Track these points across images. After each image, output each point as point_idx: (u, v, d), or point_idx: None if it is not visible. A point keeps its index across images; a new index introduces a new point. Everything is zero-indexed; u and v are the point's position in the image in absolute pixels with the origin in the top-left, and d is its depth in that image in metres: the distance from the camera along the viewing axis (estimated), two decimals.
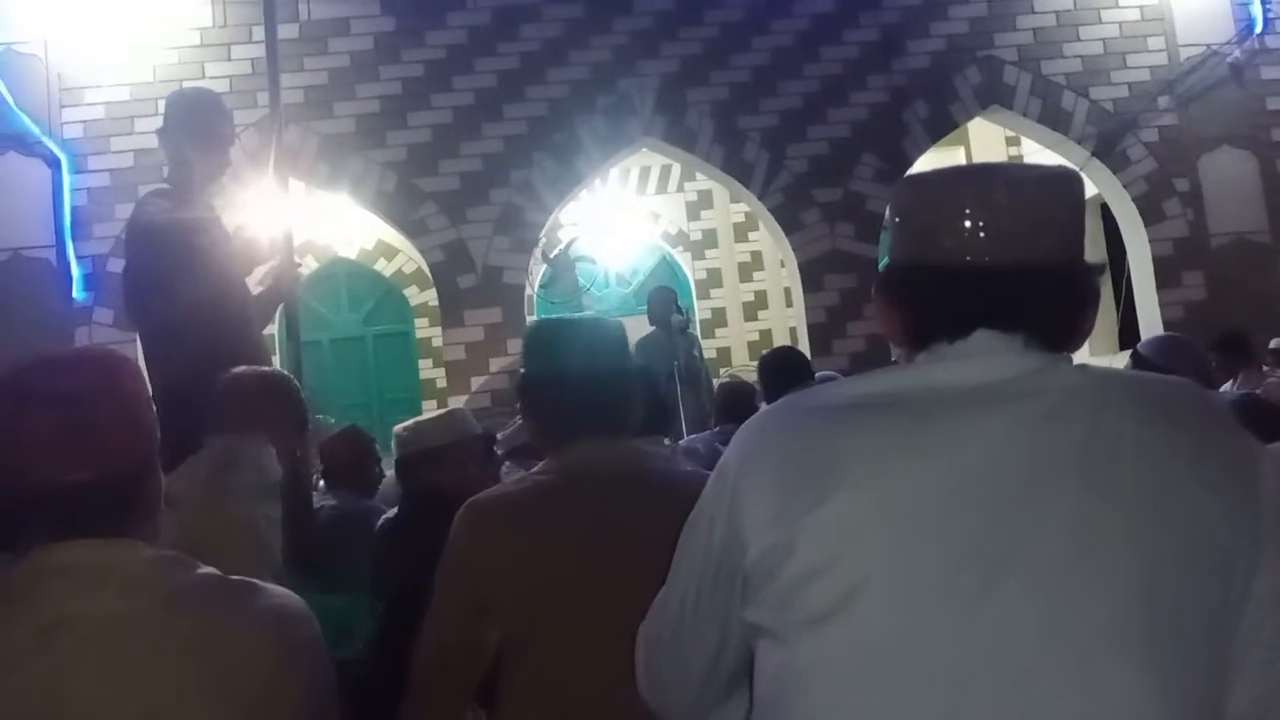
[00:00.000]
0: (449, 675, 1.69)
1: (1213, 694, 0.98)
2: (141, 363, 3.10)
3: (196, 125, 3.20)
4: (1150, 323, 7.08)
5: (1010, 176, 1.07)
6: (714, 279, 9.87)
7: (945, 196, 1.07)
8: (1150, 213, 7.13)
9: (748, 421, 1.12)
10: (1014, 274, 1.04)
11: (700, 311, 9.57)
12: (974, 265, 1.04)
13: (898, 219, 1.12)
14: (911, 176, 1.13)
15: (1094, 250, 6.78)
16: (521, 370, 1.83)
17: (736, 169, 6.92)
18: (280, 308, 3.39)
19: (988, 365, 1.04)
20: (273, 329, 4.08)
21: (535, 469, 1.74)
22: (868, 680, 0.96)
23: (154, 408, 1.26)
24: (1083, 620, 0.95)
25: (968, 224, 1.04)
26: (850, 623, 0.97)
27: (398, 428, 2.98)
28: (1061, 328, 1.07)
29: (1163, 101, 7.16)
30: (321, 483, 3.72)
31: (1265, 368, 5.74)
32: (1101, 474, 0.99)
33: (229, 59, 6.46)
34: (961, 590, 0.96)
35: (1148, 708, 0.93)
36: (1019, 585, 0.96)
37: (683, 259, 9.94)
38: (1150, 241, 7.11)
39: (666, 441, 2.98)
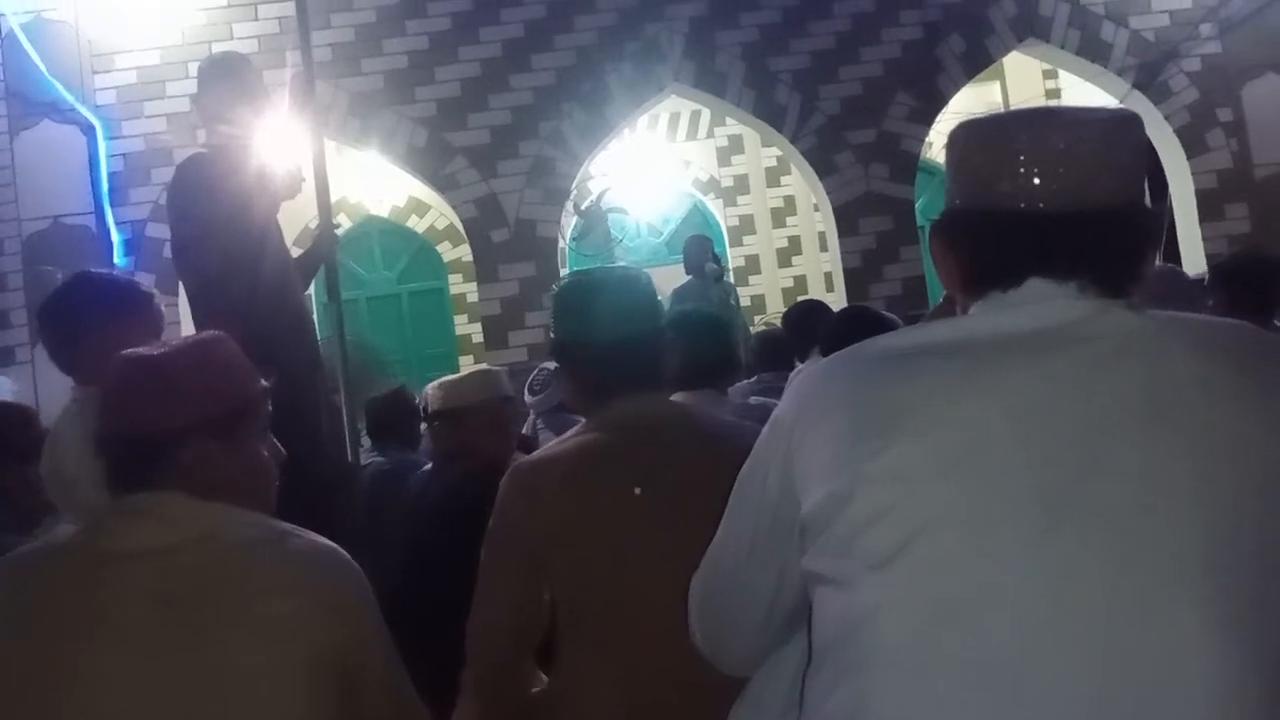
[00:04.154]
0: (509, 639, 1.68)
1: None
2: (189, 320, 3.32)
3: (230, 87, 3.21)
4: (1193, 257, 6.95)
5: (1068, 121, 1.05)
6: (746, 225, 9.78)
7: (1001, 141, 1.05)
8: (1193, 144, 6.97)
9: (805, 373, 1.13)
10: (1068, 222, 1.03)
11: (733, 259, 9.49)
12: (1027, 212, 1.03)
13: (954, 163, 1.11)
14: (968, 121, 1.11)
15: None
16: (552, 334, 1.82)
17: (768, 112, 6.83)
18: (320, 269, 3.43)
19: (1041, 312, 1.03)
20: (311, 289, 4.13)
21: (576, 429, 1.74)
22: (930, 622, 0.97)
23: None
24: (1150, 560, 0.95)
25: (1022, 170, 1.03)
26: (913, 566, 0.97)
27: (429, 386, 3.01)
28: (1118, 273, 1.05)
29: (1205, 29, 6.96)
30: (368, 441, 3.82)
31: None
32: (1164, 413, 0.98)
33: (256, 18, 6.44)
34: (1024, 530, 0.96)
35: (1216, 647, 0.93)
36: (1083, 525, 0.96)
37: (714, 206, 9.85)
38: (1193, 174, 6.97)
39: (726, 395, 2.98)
